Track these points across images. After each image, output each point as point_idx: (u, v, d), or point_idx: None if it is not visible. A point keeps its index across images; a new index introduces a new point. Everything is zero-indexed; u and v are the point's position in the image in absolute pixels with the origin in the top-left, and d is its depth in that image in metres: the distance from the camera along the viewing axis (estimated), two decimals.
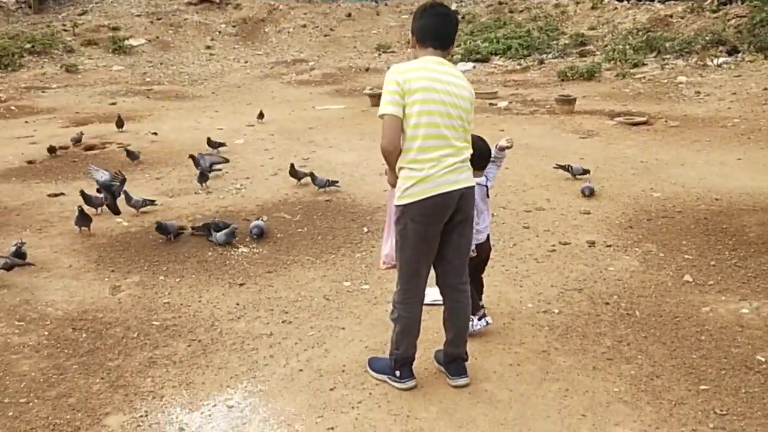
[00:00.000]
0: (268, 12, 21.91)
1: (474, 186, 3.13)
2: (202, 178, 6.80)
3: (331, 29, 21.23)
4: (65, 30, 19.22)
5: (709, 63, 13.52)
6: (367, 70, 17.34)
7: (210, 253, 5.13)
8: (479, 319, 3.80)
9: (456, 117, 3.04)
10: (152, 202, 6.18)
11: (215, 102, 13.19)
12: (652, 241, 5.18)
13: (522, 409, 3.13)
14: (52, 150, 8.13)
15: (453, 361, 3.34)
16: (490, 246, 3.94)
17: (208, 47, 19.87)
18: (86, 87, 15.05)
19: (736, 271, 4.63)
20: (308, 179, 6.83)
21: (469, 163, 3.11)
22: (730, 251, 4.96)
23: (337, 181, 6.83)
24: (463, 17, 19.83)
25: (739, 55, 13.60)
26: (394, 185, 3.26)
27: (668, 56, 14.44)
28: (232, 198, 6.59)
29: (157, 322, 4.05)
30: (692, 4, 16.88)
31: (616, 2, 19.03)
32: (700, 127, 9.24)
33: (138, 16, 20.85)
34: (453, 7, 20.15)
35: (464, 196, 3.06)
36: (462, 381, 3.31)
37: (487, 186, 3.72)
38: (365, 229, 5.67)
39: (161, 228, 5.30)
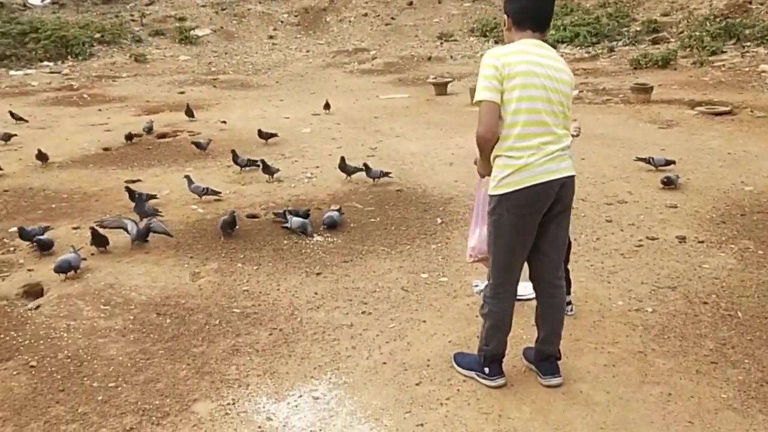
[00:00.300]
0: (330, 1, 21.94)
1: (574, 175, 2.96)
2: (267, 170, 6.73)
3: (392, 18, 21.10)
4: (133, 20, 19.74)
5: None
6: (429, 59, 17.16)
7: (285, 242, 5.11)
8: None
9: (557, 102, 2.88)
10: (216, 193, 6.13)
11: (279, 91, 13.27)
12: (748, 238, 4.87)
13: (622, 413, 2.95)
14: (129, 137, 8.31)
15: (545, 360, 3.19)
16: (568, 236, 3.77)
17: (271, 37, 20.06)
18: (155, 76, 15.40)
19: None
20: (359, 175, 6.58)
21: (569, 152, 2.95)
22: None
23: (390, 173, 6.64)
24: None
25: None
26: (484, 175, 3.13)
27: (748, 44, 13.70)
28: (303, 187, 6.56)
29: (237, 310, 4.04)
30: None
31: None
32: None
33: (203, 6, 21.22)
34: None
35: (565, 186, 2.89)
36: (555, 381, 3.16)
37: None
38: (439, 220, 5.54)
39: (225, 226, 5.17)
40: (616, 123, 8.91)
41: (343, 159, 6.69)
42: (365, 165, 6.58)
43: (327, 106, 10.32)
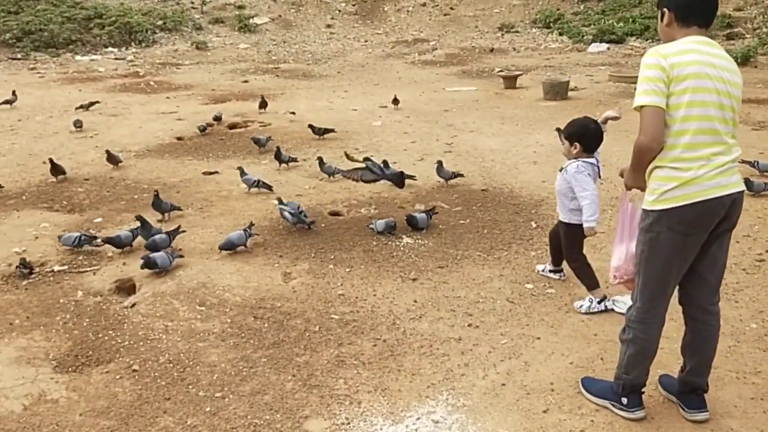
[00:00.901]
0: None
1: (744, 191, 2.64)
2: (322, 167, 6.36)
3: (452, 8, 20.67)
4: (193, 7, 19.77)
5: None
6: (491, 50, 16.72)
7: (375, 243, 4.89)
8: (599, 302, 3.84)
9: (728, 108, 2.56)
10: (268, 186, 5.95)
11: (342, 82, 13.06)
12: None
13: None
14: (203, 129, 8.19)
15: (692, 392, 2.88)
16: None
17: (329, 26, 19.87)
18: (216, 64, 15.38)
19: None
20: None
21: (737, 164, 2.62)
22: None
23: (462, 174, 6.31)
24: None
25: None
26: (634, 187, 2.82)
27: None
28: (384, 184, 6.32)
29: (336, 316, 3.83)
30: None
31: None
32: None
33: None
34: None
35: (735, 203, 2.58)
36: (701, 416, 2.86)
37: (599, 166, 3.89)
38: (533, 224, 5.24)
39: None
40: None
41: (440, 163, 6.23)
42: (439, 162, 6.27)
43: (395, 101, 9.97)
